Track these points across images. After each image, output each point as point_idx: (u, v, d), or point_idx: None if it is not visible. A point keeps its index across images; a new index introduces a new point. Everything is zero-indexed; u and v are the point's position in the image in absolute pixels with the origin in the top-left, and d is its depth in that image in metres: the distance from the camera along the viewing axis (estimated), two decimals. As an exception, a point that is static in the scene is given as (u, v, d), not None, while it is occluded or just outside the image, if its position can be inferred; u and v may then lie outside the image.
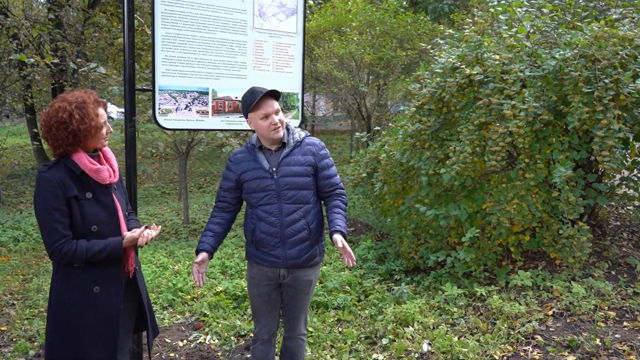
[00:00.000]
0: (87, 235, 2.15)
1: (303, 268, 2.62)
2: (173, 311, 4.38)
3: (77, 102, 2.11)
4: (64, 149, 2.11)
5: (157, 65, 2.92)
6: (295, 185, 2.51)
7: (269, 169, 2.50)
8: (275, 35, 3.29)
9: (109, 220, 2.20)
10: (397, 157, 4.81)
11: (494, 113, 4.09)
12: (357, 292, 4.39)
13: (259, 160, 2.52)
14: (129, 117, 2.86)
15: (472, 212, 4.25)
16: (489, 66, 4.20)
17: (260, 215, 2.53)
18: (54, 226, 2.07)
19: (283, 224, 2.51)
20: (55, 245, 2.08)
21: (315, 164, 2.57)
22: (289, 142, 2.55)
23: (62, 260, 2.10)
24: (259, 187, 2.50)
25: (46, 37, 12.50)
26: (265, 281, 2.63)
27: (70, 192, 2.09)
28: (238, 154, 2.60)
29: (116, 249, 2.16)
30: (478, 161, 4.15)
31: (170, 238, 7.07)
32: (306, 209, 2.55)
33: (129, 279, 2.35)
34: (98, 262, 2.15)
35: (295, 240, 2.54)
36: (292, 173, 2.52)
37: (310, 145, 2.59)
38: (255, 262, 2.63)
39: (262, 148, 2.55)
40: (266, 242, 2.53)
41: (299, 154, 2.55)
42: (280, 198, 2.50)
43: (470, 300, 3.81)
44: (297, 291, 2.67)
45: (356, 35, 7.59)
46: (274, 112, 2.46)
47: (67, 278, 2.16)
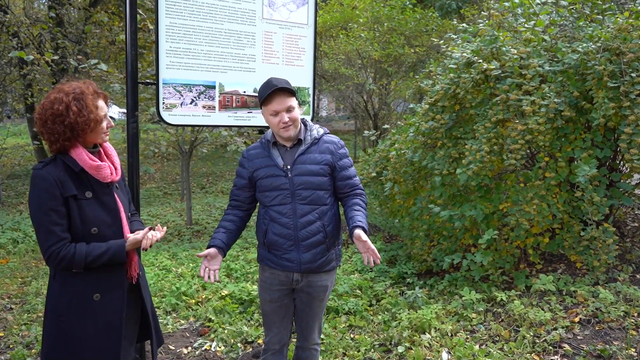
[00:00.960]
0: (87, 238, 1.98)
1: (318, 273, 2.45)
2: (177, 316, 4.20)
3: (75, 93, 1.94)
4: (61, 144, 1.93)
5: (161, 57, 2.75)
6: (311, 185, 2.35)
7: (283, 167, 2.35)
8: (285, 27, 3.12)
9: (111, 222, 2.03)
10: (408, 155, 4.63)
11: (512, 109, 3.91)
12: (369, 297, 4.21)
13: (273, 156, 2.37)
14: (131, 112, 2.69)
15: (488, 213, 4.07)
16: (507, 61, 4.03)
17: (273, 216, 2.37)
18: (50, 228, 1.90)
19: (297, 226, 2.35)
20: (52, 249, 1.91)
21: (333, 163, 2.40)
22: (305, 139, 2.39)
23: (60, 265, 1.93)
24: (271, 186, 2.35)
25: (47, 35, 12.36)
26: (277, 286, 2.46)
27: (69, 191, 1.92)
28: (252, 150, 2.45)
29: (118, 252, 1.99)
30: (496, 160, 3.98)
31: (173, 239, 6.91)
32: (322, 210, 2.39)
33: (131, 285, 2.17)
34: (99, 267, 1.98)
35: (310, 244, 2.38)
36: (308, 172, 2.35)
37: (328, 143, 2.42)
38: (267, 266, 2.47)
39: (277, 144, 2.40)
40: (279, 244, 2.37)
41: (316, 152, 2.39)
42: (294, 198, 2.34)
43: (489, 306, 3.62)
44: (312, 297, 2.50)
45: (364, 32, 7.42)
46: (284, 110, 2.29)
47: (65, 285, 1.99)
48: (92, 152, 2.02)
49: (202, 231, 7.42)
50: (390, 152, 4.98)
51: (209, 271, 2.30)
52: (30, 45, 11.24)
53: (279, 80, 2.28)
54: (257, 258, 2.55)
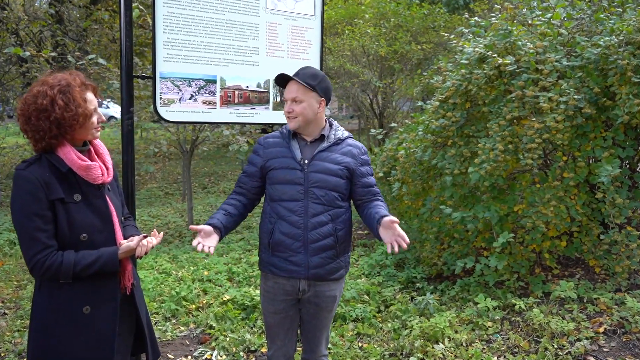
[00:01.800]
0: (76, 245, 1.80)
1: (326, 281, 2.27)
2: (176, 322, 4.03)
3: (61, 86, 1.76)
4: (47, 142, 1.75)
5: (158, 50, 2.57)
6: (326, 184, 2.20)
7: (300, 160, 2.20)
8: (290, 18, 2.94)
9: (102, 227, 1.85)
10: (417, 155, 4.44)
11: (528, 107, 3.73)
12: (377, 302, 4.03)
13: (292, 148, 2.23)
14: (126, 107, 2.51)
15: (502, 215, 3.88)
16: (522, 55, 3.84)
17: (282, 213, 2.20)
18: (34, 235, 1.72)
19: (307, 226, 2.18)
20: (37, 258, 1.73)
21: (353, 168, 2.25)
22: (328, 137, 2.26)
23: (45, 275, 1.75)
24: (284, 179, 2.20)
25: (47, 33, 12.19)
26: (282, 296, 2.28)
27: (55, 193, 1.74)
28: (270, 138, 2.31)
29: (110, 261, 1.81)
30: (510, 159, 3.79)
31: (174, 241, 6.73)
32: (335, 213, 2.22)
33: (125, 296, 1.99)
34: (89, 277, 1.80)
35: (320, 247, 2.20)
36: (326, 170, 2.20)
37: (352, 146, 2.29)
38: (270, 273, 2.28)
39: (297, 136, 2.27)
40: (286, 245, 2.20)
41: (337, 152, 2.25)
42: (307, 195, 2.19)
43: (505, 313, 3.44)
44: (320, 308, 2.32)
45: (370, 28, 7.23)
46: (290, 99, 2.20)
47: (51, 297, 1.81)
48: (82, 150, 1.84)
49: (204, 232, 7.24)
50: (399, 152, 4.79)
51: (205, 247, 2.06)
52: (30, 43, 11.09)
53: (303, 71, 2.23)
54: (259, 265, 2.36)
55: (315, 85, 2.20)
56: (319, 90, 2.21)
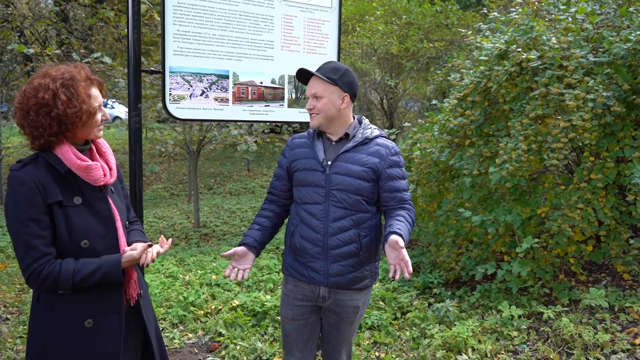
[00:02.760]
0: (76, 253, 1.64)
1: (348, 290, 2.11)
2: (184, 329, 3.87)
3: (64, 79, 1.60)
4: (46, 140, 1.60)
5: (168, 42, 2.42)
6: (348, 187, 2.04)
7: (323, 161, 2.08)
8: (307, 10, 2.78)
9: (104, 233, 1.69)
10: (434, 155, 4.27)
11: (552, 104, 3.55)
12: (393, 309, 3.86)
13: (315, 148, 2.12)
14: (133, 104, 2.35)
15: (524, 218, 3.71)
16: (546, 51, 3.66)
17: (303, 217, 2.10)
18: (30, 242, 1.56)
19: (327, 231, 2.05)
20: (33, 267, 1.57)
21: (380, 169, 2.07)
22: (355, 136, 2.11)
23: (43, 286, 1.60)
24: (306, 180, 2.10)
25: (52, 32, 12.10)
26: (300, 301, 2.15)
27: (53, 196, 1.58)
28: (296, 139, 2.22)
29: (112, 270, 1.65)
30: (534, 160, 3.61)
31: (180, 243, 6.58)
32: (359, 218, 2.06)
33: (130, 307, 1.83)
34: (90, 287, 1.64)
35: (341, 254, 2.05)
36: (349, 172, 2.05)
37: (380, 146, 2.11)
38: (290, 276, 2.18)
39: (322, 135, 2.15)
40: (305, 250, 2.09)
41: (363, 153, 2.09)
42: (328, 198, 2.06)
43: (531, 322, 3.26)
44: (340, 319, 2.16)
45: (381, 25, 7.06)
46: (311, 95, 2.09)
47: (50, 309, 1.65)
48: (82, 149, 1.68)
49: (211, 234, 7.09)
50: (414, 152, 4.62)
51: (237, 271, 2.06)
52: (35, 42, 10.99)
53: (325, 65, 2.11)
54: (282, 267, 2.25)
55: (337, 80, 2.05)
56: (341, 85, 2.06)
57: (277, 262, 5.16)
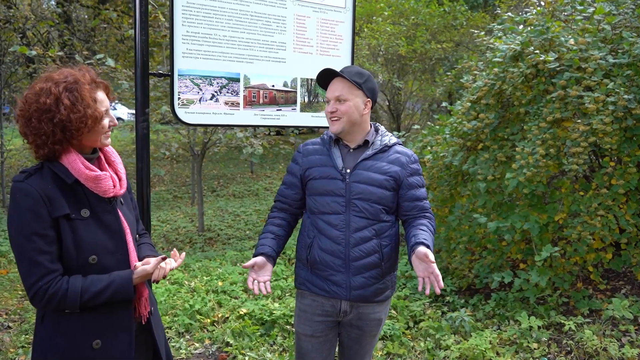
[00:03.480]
0: (84, 269, 1.53)
1: (370, 304, 2.01)
2: (190, 338, 3.76)
3: (67, 82, 1.49)
4: (50, 148, 1.49)
5: (176, 44, 2.31)
6: (371, 196, 1.95)
7: (342, 169, 1.98)
8: (320, 10, 2.67)
9: (114, 248, 1.59)
10: (447, 159, 4.16)
11: (570, 107, 3.44)
12: (405, 318, 3.74)
13: (333, 156, 2.01)
14: (141, 108, 2.25)
15: (541, 225, 3.59)
16: (565, 53, 3.55)
17: (321, 227, 1.99)
18: (35, 259, 1.45)
19: (349, 242, 1.94)
20: (38, 285, 1.46)
21: (401, 178, 2.00)
22: (374, 143, 2.02)
23: (49, 305, 1.49)
24: (324, 189, 1.99)
25: (54, 34, 12.03)
26: (320, 316, 2.03)
27: (59, 209, 1.48)
28: (310, 145, 2.11)
29: (123, 288, 1.55)
30: (552, 164, 3.50)
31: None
32: (380, 227, 1.97)
33: (140, 325, 1.73)
34: (99, 306, 1.54)
35: (363, 265, 1.95)
36: (370, 180, 1.95)
37: (400, 154, 2.03)
38: (307, 290, 2.04)
39: (339, 142, 2.04)
40: (325, 263, 1.97)
41: (383, 160, 2.00)
42: (349, 208, 1.96)
43: (551, 333, 3.14)
44: (363, 333, 2.06)
45: (389, 26, 6.96)
46: (333, 98, 1.97)
47: (56, 330, 1.55)
48: (90, 158, 1.58)
49: (215, 238, 6.99)
50: (425, 156, 4.51)
51: (258, 283, 1.91)
52: (37, 43, 10.91)
53: (348, 69, 2.01)
54: (295, 281, 2.12)
55: (362, 84, 1.96)
56: (366, 90, 1.97)
57: (284, 267, 5.06)
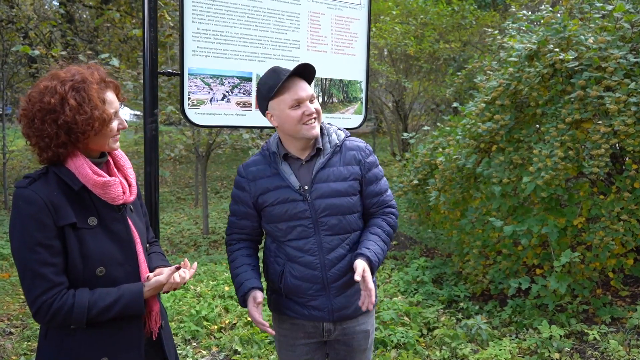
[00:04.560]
0: (91, 282, 1.43)
1: (355, 317, 1.88)
2: (197, 345, 3.66)
3: (74, 81, 1.39)
4: (54, 152, 1.39)
5: (186, 42, 2.21)
6: (338, 210, 1.77)
7: (299, 188, 1.76)
8: (334, 7, 2.57)
9: (123, 259, 1.48)
10: (461, 161, 4.04)
11: (590, 108, 3.33)
12: (419, 325, 3.63)
13: (284, 174, 1.78)
14: (149, 109, 2.14)
15: (560, 230, 3.48)
16: (584, 52, 3.44)
17: (292, 255, 1.79)
18: (39, 271, 1.35)
19: (325, 265, 1.77)
20: (42, 299, 1.36)
21: (362, 176, 1.82)
22: (325, 148, 1.80)
23: (53, 321, 1.39)
24: (286, 215, 1.77)
25: (57, 34, 11.94)
26: (303, 339, 1.87)
27: (65, 218, 1.37)
28: (252, 166, 1.83)
29: (134, 302, 1.44)
30: (571, 167, 3.39)
31: (189, 251, 6.37)
32: (353, 239, 1.82)
33: (150, 340, 1.62)
34: (106, 321, 1.43)
35: (342, 285, 1.80)
36: (333, 192, 1.77)
37: (354, 150, 1.84)
38: (286, 315, 1.86)
39: (287, 157, 1.81)
40: (302, 290, 1.79)
41: (339, 165, 1.80)
42: (317, 229, 1.77)
43: (573, 342, 3.03)
44: (352, 349, 1.91)
45: (398, 25, 6.85)
46: (309, 98, 1.72)
47: (60, 346, 1.44)
48: (98, 163, 1.47)
49: (220, 241, 6.88)
50: (438, 158, 4.40)
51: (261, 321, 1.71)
52: (40, 43, 10.84)
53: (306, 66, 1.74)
54: (269, 305, 1.92)
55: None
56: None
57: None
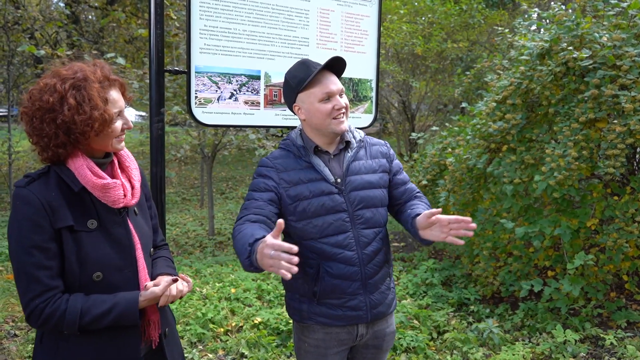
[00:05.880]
0: (88, 287, 1.38)
1: (385, 317, 1.85)
2: (203, 348, 3.60)
3: (75, 79, 1.33)
4: (53, 151, 1.34)
5: (194, 39, 2.16)
6: (372, 202, 1.75)
7: (335, 181, 1.72)
8: (344, 4, 2.51)
9: (122, 264, 1.42)
10: (471, 161, 3.97)
11: (605, 107, 3.26)
12: (429, 328, 3.57)
13: (318, 167, 1.72)
14: (156, 108, 2.09)
15: (573, 231, 3.41)
16: (598, 50, 3.37)
17: (330, 252, 1.70)
18: (33, 274, 1.30)
19: (363, 260, 1.72)
20: (35, 303, 1.31)
21: (389, 169, 1.84)
22: (350, 142, 1.79)
23: (45, 325, 1.34)
24: (323, 208, 1.69)
25: (63, 35, 11.95)
26: (335, 347, 1.79)
27: (62, 220, 1.32)
28: (279, 159, 1.75)
29: (128, 311, 1.37)
30: (585, 167, 3.32)
31: (195, 252, 6.33)
32: (384, 232, 1.81)
33: (151, 349, 1.56)
34: (103, 328, 1.38)
35: (378, 280, 1.77)
36: (366, 184, 1.75)
37: (377, 145, 1.87)
38: (319, 324, 1.76)
39: (316, 150, 1.76)
40: (341, 290, 1.71)
41: (368, 158, 1.80)
42: (354, 222, 1.72)
43: (588, 347, 2.96)
44: (380, 350, 1.89)
45: (405, 24, 6.79)
46: (339, 92, 1.69)
47: (55, 352, 1.39)
48: (102, 163, 1.42)
49: (226, 242, 6.83)
50: (447, 158, 4.33)
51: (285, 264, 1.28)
52: (45, 44, 10.83)
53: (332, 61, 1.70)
54: (296, 316, 1.79)
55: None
56: None
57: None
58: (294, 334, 1.87)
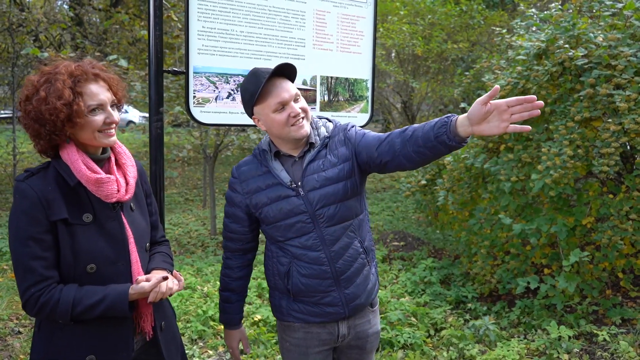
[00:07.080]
0: (81, 278, 1.43)
1: (365, 317, 1.86)
2: (204, 345, 3.66)
3: (50, 74, 1.41)
4: (38, 143, 1.43)
5: (192, 40, 2.21)
6: (334, 198, 1.69)
7: (291, 183, 1.71)
8: (340, 5, 2.56)
9: (115, 257, 1.47)
10: (469, 161, 4.02)
11: (600, 106, 3.29)
12: (426, 325, 3.61)
13: (275, 171, 1.73)
14: (155, 107, 2.15)
15: (569, 229, 3.44)
16: (594, 49, 3.40)
17: (296, 253, 1.73)
18: (29, 264, 1.37)
19: (331, 258, 1.72)
20: (31, 291, 1.38)
21: (351, 152, 1.72)
22: (316, 142, 1.75)
23: (40, 314, 1.40)
24: (281, 213, 1.71)
25: (67, 37, 12.06)
26: (317, 347, 1.81)
27: (57, 213, 1.38)
28: (243, 166, 1.79)
29: (117, 303, 1.42)
30: (580, 166, 3.35)
31: (197, 251, 6.39)
32: (356, 223, 1.77)
33: (146, 341, 1.60)
34: (94, 319, 1.43)
35: (352, 274, 1.76)
36: (325, 181, 1.69)
37: (336, 134, 1.77)
38: (297, 322, 1.80)
39: (279, 155, 1.76)
40: (312, 289, 1.74)
41: (329, 153, 1.73)
42: (316, 222, 1.70)
43: (583, 343, 2.99)
44: (364, 351, 1.89)
45: (405, 25, 6.83)
46: (292, 99, 1.66)
47: (50, 340, 1.46)
48: (100, 159, 1.48)
49: (227, 242, 6.89)
50: (446, 158, 4.38)
51: None
52: (50, 46, 10.93)
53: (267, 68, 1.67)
54: (276, 312, 1.85)
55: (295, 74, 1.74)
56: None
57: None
58: (278, 333, 1.90)
